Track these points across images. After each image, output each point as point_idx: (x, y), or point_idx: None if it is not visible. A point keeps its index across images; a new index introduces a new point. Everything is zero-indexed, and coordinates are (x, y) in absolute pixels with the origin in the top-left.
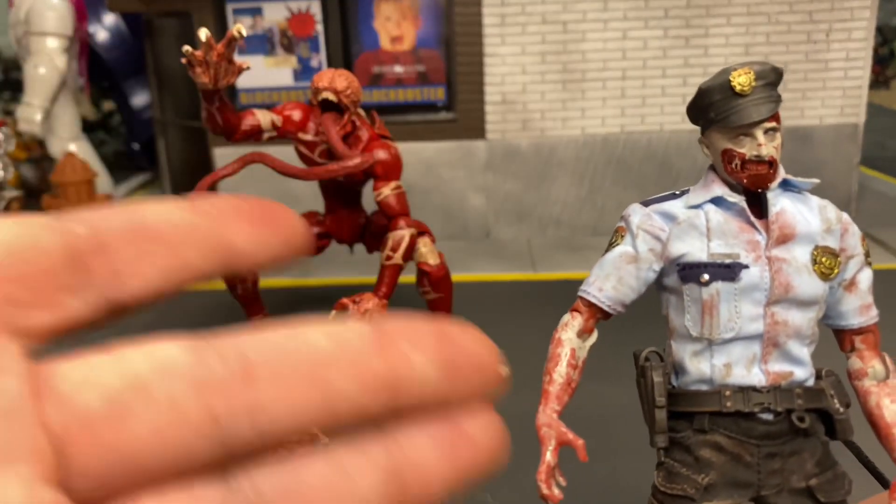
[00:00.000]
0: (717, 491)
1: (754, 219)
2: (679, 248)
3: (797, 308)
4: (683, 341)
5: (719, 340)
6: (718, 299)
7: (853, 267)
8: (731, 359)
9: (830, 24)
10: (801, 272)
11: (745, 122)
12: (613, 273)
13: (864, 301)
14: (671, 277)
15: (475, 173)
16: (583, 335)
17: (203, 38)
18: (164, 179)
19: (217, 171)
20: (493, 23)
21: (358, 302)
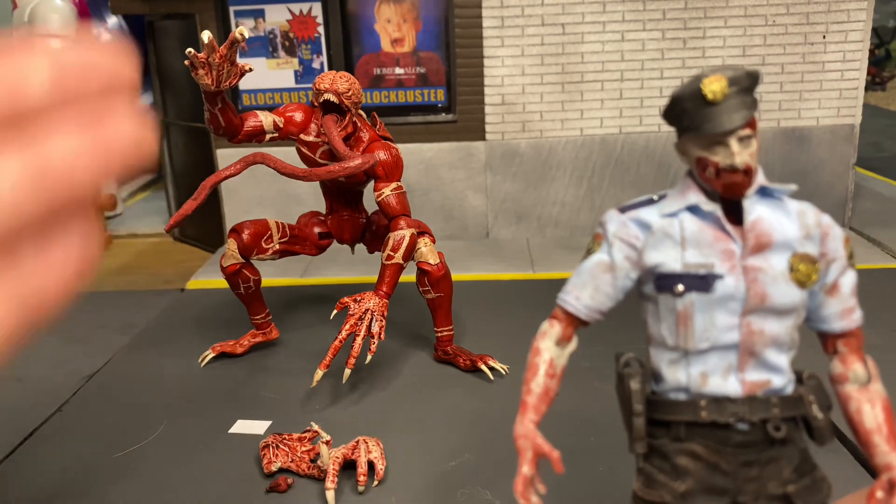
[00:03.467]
0: (695, 498)
1: (730, 227)
2: (654, 257)
3: (774, 317)
4: (660, 349)
5: (694, 351)
6: (693, 310)
7: (835, 271)
8: (707, 368)
9: (827, 26)
10: (777, 281)
11: (717, 132)
12: (590, 282)
13: (845, 305)
14: (648, 286)
15: (475, 174)
16: (561, 343)
17: (205, 40)
18: (167, 180)
19: (220, 172)
20: (493, 25)
21: (359, 301)
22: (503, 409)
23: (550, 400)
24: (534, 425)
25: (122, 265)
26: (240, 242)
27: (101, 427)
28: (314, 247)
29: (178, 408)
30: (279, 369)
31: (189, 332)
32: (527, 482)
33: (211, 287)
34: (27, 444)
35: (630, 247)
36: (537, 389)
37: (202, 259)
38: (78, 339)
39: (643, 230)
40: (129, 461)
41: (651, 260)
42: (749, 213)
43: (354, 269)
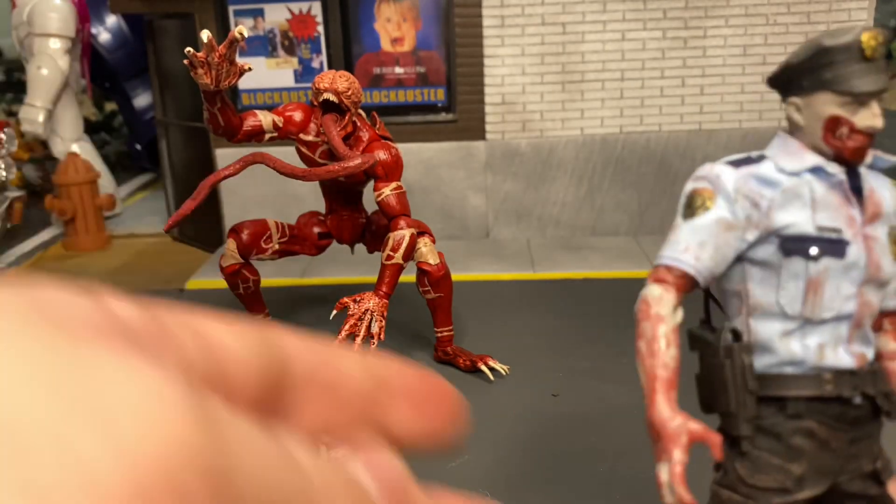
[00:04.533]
0: (808, 481)
1: (850, 193)
2: (783, 218)
3: (878, 288)
4: (771, 319)
5: (818, 320)
6: (826, 276)
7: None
8: (824, 339)
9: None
10: (885, 252)
11: (869, 90)
12: (710, 241)
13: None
14: (765, 249)
15: (475, 174)
16: (676, 310)
17: (205, 40)
18: (167, 180)
19: (219, 172)
20: (493, 24)
21: (359, 301)
22: (503, 409)
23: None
24: (675, 405)
25: (121, 265)
26: (239, 242)
27: None
28: (314, 247)
29: None
30: None
31: None
32: (684, 472)
33: (210, 287)
34: None
35: (754, 205)
36: (671, 362)
37: (201, 259)
38: None
39: (769, 187)
40: None
41: (780, 220)
42: (865, 181)
43: (354, 270)
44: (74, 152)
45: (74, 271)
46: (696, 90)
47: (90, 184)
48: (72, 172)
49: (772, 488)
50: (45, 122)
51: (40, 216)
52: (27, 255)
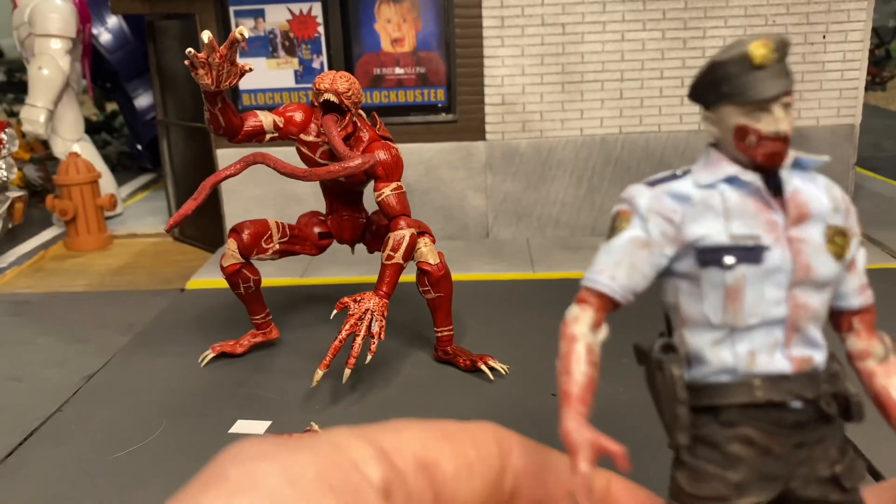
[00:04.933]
0: (750, 487)
1: (770, 198)
2: (695, 230)
3: (815, 290)
4: (701, 330)
5: (743, 327)
6: (744, 283)
7: (853, 247)
8: (755, 345)
9: (827, 26)
10: (818, 252)
11: (765, 96)
12: (625, 259)
13: (862, 280)
14: (685, 262)
15: (475, 174)
16: (594, 329)
17: (205, 40)
18: (167, 180)
19: (220, 172)
20: (493, 25)
21: (359, 301)
22: (504, 409)
23: (594, 391)
24: (583, 418)
25: (121, 265)
26: (240, 242)
27: (100, 427)
28: (314, 247)
29: (178, 408)
30: (279, 369)
31: (189, 332)
32: (588, 484)
33: (211, 287)
34: (27, 443)
35: (667, 221)
36: (581, 379)
37: (202, 259)
38: (78, 339)
39: (680, 203)
40: (128, 461)
41: (693, 233)
42: (787, 184)
43: (354, 269)
44: (75, 152)
45: (75, 271)
46: None
47: (91, 184)
48: (73, 172)
49: (711, 497)
50: (46, 123)
51: (41, 216)
52: (28, 255)
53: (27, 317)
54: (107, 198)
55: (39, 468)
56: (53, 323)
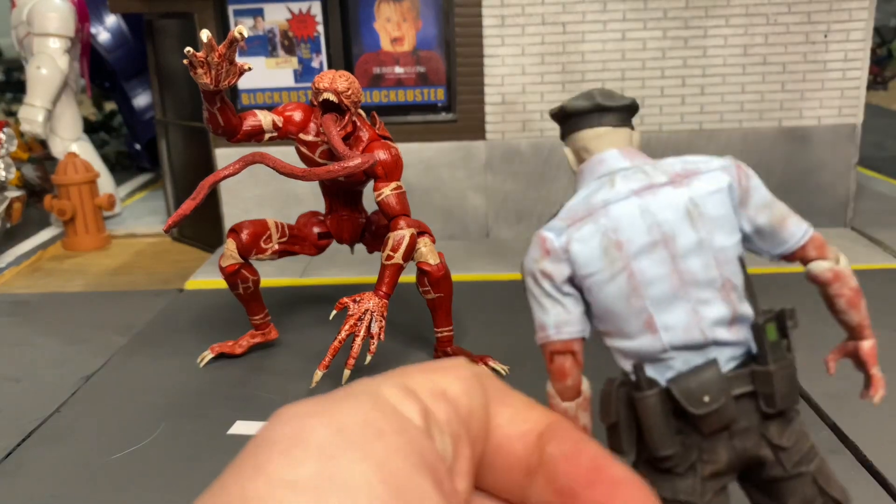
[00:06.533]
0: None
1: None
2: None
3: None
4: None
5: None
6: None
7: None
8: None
9: (829, 25)
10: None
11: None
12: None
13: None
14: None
15: (475, 173)
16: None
17: (204, 39)
18: (166, 180)
19: (219, 172)
20: (493, 24)
21: (358, 301)
22: None
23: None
24: None
25: (120, 265)
26: (239, 242)
27: (99, 428)
28: (313, 247)
29: (177, 409)
30: (278, 370)
31: (188, 332)
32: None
33: (210, 287)
34: (25, 444)
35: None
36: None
37: (201, 259)
38: (76, 339)
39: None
40: (127, 462)
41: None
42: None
43: (354, 270)
44: (73, 152)
45: (74, 271)
46: (697, 90)
47: (89, 184)
48: (71, 172)
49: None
50: (44, 122)
51: (40, 216)
52: (26, 255)
53: (25, 317)
54: (105, 198)
55: (38, 469)
56: (52, 323)
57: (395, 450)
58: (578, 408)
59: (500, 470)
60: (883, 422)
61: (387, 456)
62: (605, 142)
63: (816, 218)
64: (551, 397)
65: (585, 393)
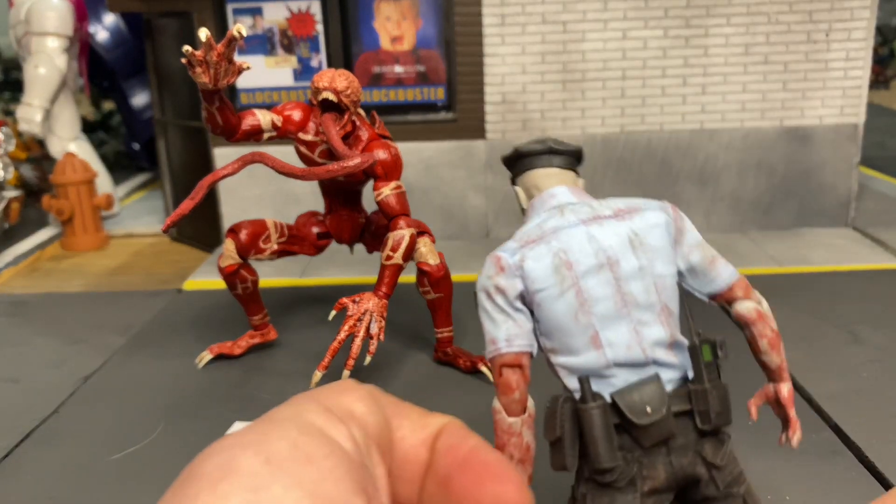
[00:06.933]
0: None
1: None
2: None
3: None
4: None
5: None
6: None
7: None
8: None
9: (830, 24)
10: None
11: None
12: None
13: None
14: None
15: (475, 173)
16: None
17: (203, 38)
18: (165, 179)
19: (217, 171)
20: (493, 23)
21: (358, 302)
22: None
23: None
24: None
25: (118, 265)
26: (238, 242)
27: (98, 428)
28: (312, 247)
29: (176, 409)
30: (277, 371)
31: (186, 332)
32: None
33: (208, 287)
34: (24, 445)
35: None
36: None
37: (199, 259)
38: (75, 339)
39: None
40: (126, 463)
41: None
42: None
43: (353, 270)
44: (72, 152)
45: (72, 271)
46: (698, 89)
47: (88, 183)
48: (69, 172)
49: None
50: (42, 122)
51: (38, 216)
52: (24, 256)
53: (24, 317)
54: (104, 197)
55: (36, 470)
56: (50, 324)
57: (327, 474)
58: (523, 424)
59: (408, 480)
60: (883, 422)
61: (318, 481)
62: (555, 180)
63: (818, 218)
64: (496, 412)
65: (530, 410)
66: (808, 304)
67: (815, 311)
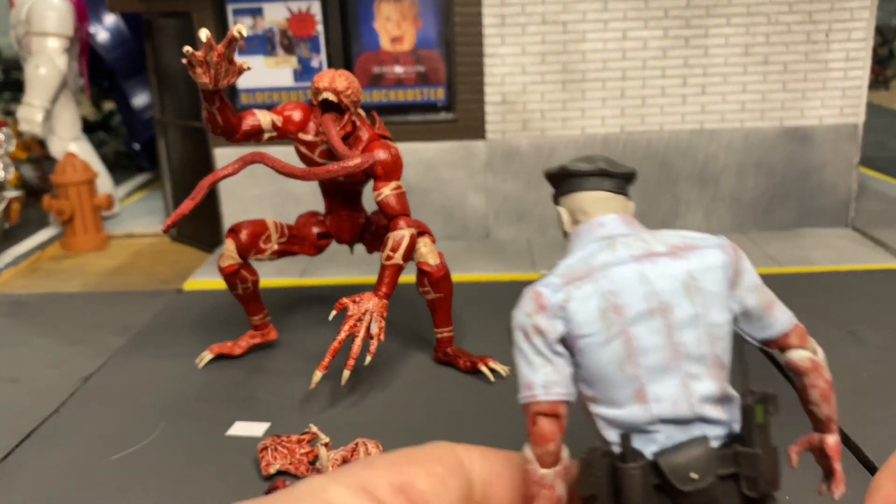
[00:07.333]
0: None
1: None
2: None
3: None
4: None
5: None
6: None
7: None
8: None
9: (830, 25)
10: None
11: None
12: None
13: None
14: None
15: (475, 173)
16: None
17: (203, 39)
18: (165, 180)
19: (217, 172)
20: (493, 23)
21: (358, 302)
22: (504, 410)
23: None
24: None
25: (118, 265)
26: (238, 242)
27: (98, 429)
28: (312, 247)
29: (176, 409)
30: (278, 371)
31: (186, 333)
32: None
33: (209, 288)
34: (24, 445)
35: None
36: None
37: (200, 259)
38: (75, 340)
39: None
40: (126, 463)
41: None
42: None
43: (353, 270)
44: (72, 152)
45: (72, 272)
46: (698, 89)
47: (88, 183)
48: (70, 172)
49: None
50: (43, 122)
51: (38, 216)
52: (25, 256)
53: (24, 318)
54: (104, 198)
55: (36, 470)
56: (50, 324)
57: None
58: (556, 476)
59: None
60: (884, 423)
61: None
62: (606, 206)
63: (817, 218)
64: (528, 462)
65: (564, 461)
66: (808, 304)
67: (815, 311)
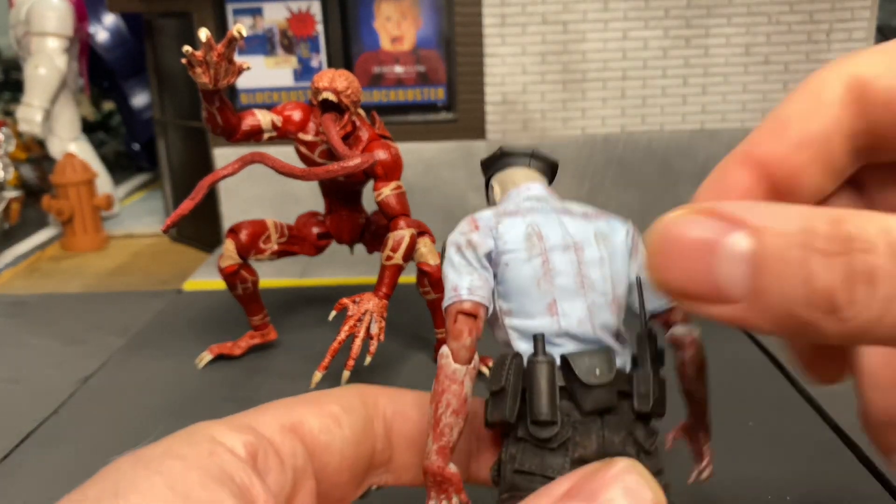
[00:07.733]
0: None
1: None
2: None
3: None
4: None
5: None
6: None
7: None
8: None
9: (831, 25)
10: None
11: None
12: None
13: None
14: None
15: (475, 173)
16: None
17: (203, 39)
18: (165, 180)
19: (217, 171)
20: (494, 23)
21: (358, 302)
22: None
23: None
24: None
25: (117, 266)
26: (238, 243)
27: (98, 429)
28: (312, 247)
29: (176, 410)
30: (277, 371)
31: (186, 333)
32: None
33: (208, 288)
34: (23, 446)
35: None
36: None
37: (199, 259)
38: (74, 340)
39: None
40: None
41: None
42: None
43: (353, 270)
44: (72, 152)
45: (71, 272)
46: (699, 89)
47: (88, 184)
48: (69, 172)
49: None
50: (42, 122)
51: (38, 216)
52: (24, 256)
53: (23, 318)
54: (104, 198)
55: (36, 471)
56: (49, 324)
57: (194, 468)
58: (467, 374)
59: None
60: None
61: (182, 472)
62: (532, 178)
63: None
64: (443, 356)
65: (476, 363)
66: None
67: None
